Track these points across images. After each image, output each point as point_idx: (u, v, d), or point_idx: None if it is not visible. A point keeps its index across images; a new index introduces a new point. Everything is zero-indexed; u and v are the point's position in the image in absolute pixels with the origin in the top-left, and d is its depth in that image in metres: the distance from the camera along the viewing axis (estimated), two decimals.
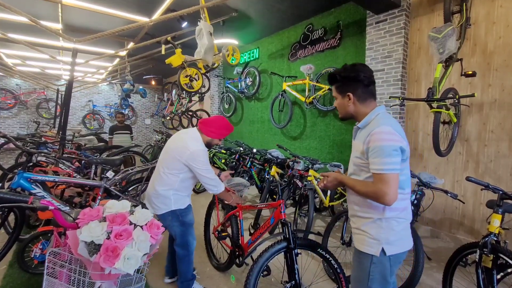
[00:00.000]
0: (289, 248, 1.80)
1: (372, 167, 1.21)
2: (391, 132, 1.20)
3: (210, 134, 2.08)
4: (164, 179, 2.02)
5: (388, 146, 1.17)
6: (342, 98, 1.36)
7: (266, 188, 3.74)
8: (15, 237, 2.30)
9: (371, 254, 1.26)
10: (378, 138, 1.19)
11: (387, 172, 1.16)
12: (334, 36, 4.64)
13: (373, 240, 1.26)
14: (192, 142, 2.01)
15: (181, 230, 2.10)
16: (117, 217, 1.02)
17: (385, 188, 1.15)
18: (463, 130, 3.24)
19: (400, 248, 1.28)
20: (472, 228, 3.19)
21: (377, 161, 1.19)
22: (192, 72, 3.47)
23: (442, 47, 2.57)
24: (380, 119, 1.27)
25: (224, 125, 2.12)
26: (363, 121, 1.32)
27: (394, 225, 1.25)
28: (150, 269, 2.62)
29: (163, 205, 2.04)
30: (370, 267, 1.26)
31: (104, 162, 2.54)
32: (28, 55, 6.71)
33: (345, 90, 1.33)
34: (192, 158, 1.95)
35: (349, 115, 1.38)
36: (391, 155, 1.17)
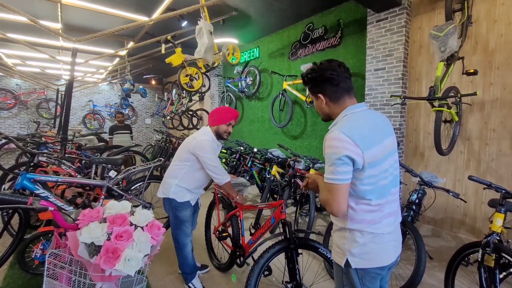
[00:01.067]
0: (290, 248, 1.79)
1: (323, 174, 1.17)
2: (339, 138, 1.08)
3: (214, 122, 2.20)
4: (172, 170, 2.22)
5: (332, 153, 1.09)
6: (316, 100, 1.27)
7: (267, 187, 3.73)
8: (19, 239, 2.29)
9: (340, 265, 1.21)
10: (326, 144, 1.13)
11: (330, 181, 1.10)
12: (334, 35, 4.62)
13: (338, 250, 1.22)
14: (200, 134, 2.18)
15: (174, 222, 2.24)
16: (117, 218, 1.01)
17: (329, 197, 1.10)
18: (465, 129, 3.23)
19: (368, 263, 1.15)
20: (474, 227, 3.18)
21: (326, 169, 1.13)
22: (192, 71, 3.46)
23: (444, 45, 2.55)
24: (343, 120, 1.17)
25: (225, 110, 2.22)
26: (332, 123, 1.24)
27: (357, 236, 1.15)
28: (151, 269, 2.61)
29: (164, 190, 2.21)
30: (342, 277, 1.22)
31: (106, 161, 2.54)
32: (28, 55, 6.70)
33: (316, 92, 1.24)
34: (197, 146, 2.09)
35: (328, 116, 1.30)
36: (335, 164, 1.08)
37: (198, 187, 2.28)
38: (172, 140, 7.13)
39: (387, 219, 1.18)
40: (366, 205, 1.14)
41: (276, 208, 2.02)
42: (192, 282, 2.29)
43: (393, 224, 1.22)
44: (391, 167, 1.19)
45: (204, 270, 2.62)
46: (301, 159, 3.71)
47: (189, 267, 2.27)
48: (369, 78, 3.90)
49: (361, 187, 1.12)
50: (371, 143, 1.12)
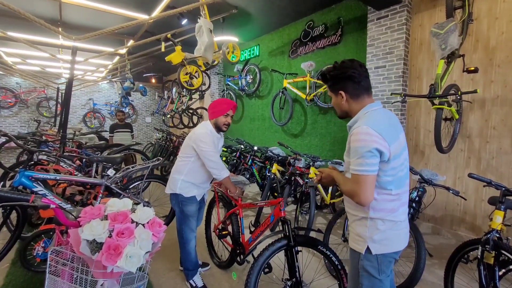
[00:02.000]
0: (289, 246, 1.80)
1: (350, 167, 1.23)
2: (368, 133, 1.15)
3: (213, 115, 2.21)
4: (177, 165, 2.25)
5: (361, 147, 1.15)
6: (336, 97, 1.34)
7: (267, 185, 3.74)
8: (17, 236, 2.30)
9: (358, 251, 1.28)
10: (354, 138, 1.19)
11: (359, 173, 1.16)
12: (335, 32, 4.61)
13: (359, 238, 1.28)
14: (199, 128, 2.22)
15: (179, 217, 2.27)
16: (118, 215, 1.02)
17: (356, 188, 1.17)
18: (465, 127, 3.23)
19: (388, 248, 1.25)
20: (474, 224, 3.19)
21: (353, 161, 1.20)
22: (192, 69, 3.45)
23: (444, 43, 2.55)
24: (366, 117, 1.24)
25: (222, 101, 2.22)
26: (353, 119, 1.30)
27: (379, 224, 1.24)
28: (153, 267, 2.63)
29: (172, 186, 2.24)
30: (359, 264, 1.29)
31: (105, 160, 2.55)
32: (28, 53, 6.69)
33: (337, 89, 1.31)
34: (196, 139, 2.12)
35: (345, 113, 1.36)
36: (364, 156, 1.15)
37: (204, 182, 2.30)
38: (173, 138, 7.14)
39: (403, 207, 1.29)
40: (387, 195, 1.23)
41: (275, 206, 2.02)
42: (194, 279, 2.31)
43: (405, 213, 1.33)
44: (406, 160, 1.29)
45: (205, 268, 2.64)
46: (301, 157, 3.72)
47: (192, 263, 2.28)
48: (369, 76, 3.89)
49: (384, 178, 1.21)
50: (393, 137, 1.21)
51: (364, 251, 1.25)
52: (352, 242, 1.33)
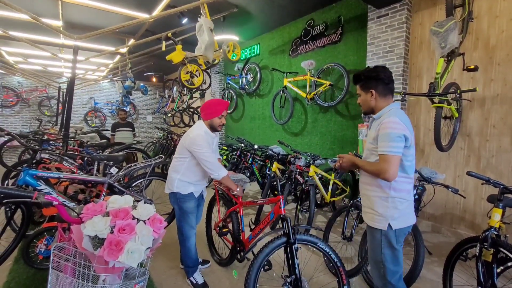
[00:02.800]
0: (289, 243, 1.82)
1: (379, 149, 1.46)
2: (397, 122, 1.43)
3: (207, 116, 2.21)
4: (174, 165, 2.26)
5: (393, 133, 1.41)
6: (366, 94, 1.59)
7: (267, 184, 3.75)
8: (22, 234, 2.33)
9: (380, 229, 1.52)
10: (386, 126, 1.44)
11: (389, 153, 1.41)
12: (335, 31, 4.61)
13: (381, 217, 1.52)
14: (193, 130, 2.21)
15: (179, 214, 2.29)
16: (120, 212, 1.03)
17: (386, 166, 1.40)
18: (465, 125, 3.23)
19: (404, 224, 1.53)
20: (473, 222, 3.20)
21: (383, 144, 1.44)
22: (193, 68, 3.46)
23: (444, 41, 2.55)
24: (392, 112, 1.51)
25: (216, 102, 2.24)
26: (378, 113, 1.57)
27: (397, 204, 1.50)
28: (153, 264, 2.65)
29: (169, 185, 2.27)
30: (381, 239, 1.54)
31: (107, 158, 2.57)
32: (29, 52, 6.72)
33: (368, 87, 1.57)
34: (192, 142, 2.11)
35: (371, 110, 1.61)
36: (395, 140, 1.41)
37: (200, 180, 2.32)
38: (173, 137, 7.15)
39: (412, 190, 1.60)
40: (406, 178, 1.52)
41: (275, 203, 2.04)
42: (194, 276, 2.33)
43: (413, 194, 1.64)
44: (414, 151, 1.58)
45: (206, 265, 2.66)
46: (302, 155, 3.73)
47: (192, 260, 2.30)
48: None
49: (406, 163, 1.49)
50: (411, 131, 1.50)
51: (386, 227, 1.50)
52: (373, 222, 1.56)
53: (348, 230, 2.65)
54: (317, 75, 4.70)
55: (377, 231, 1.54)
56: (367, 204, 1.61)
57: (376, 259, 1.59)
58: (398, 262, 1.56)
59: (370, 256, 1.65)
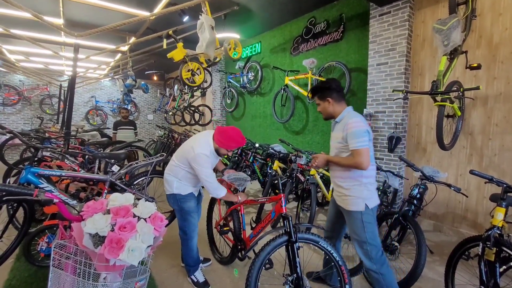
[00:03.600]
0: (290, 242, 1.81)
1: (351, 146, 1.74)
2: (360, 121, 1.75)
3: (218, 143, 2.12)
4: (172, 168, 2.24)
5: (359, 130, 1.72)
6: (324, 103, 1.90)
7: (268, 182, 3.75)
8: (24, 231, 2.33)
9: (360, 210, 1.80)
10: (352, 126, 1.73)
11: (361, 147, 1.70)
12: (336, 29, 4.59)
13: (359, 199, 1.81)
14: (200, 145, 2.09)
15: (180, 214, 2.27)
16: (120, 209, 1.03)
17: (361, 158, 1.69)
18: (467, 124, 3.21)
19: (376, 202, 1.86)
20: (475, 222, 3.18)
21: (354, 141, 1.72)
22: (194, 66, 3.45)
23: (447, 39, 2.52)
24: (351, 114, 1.83)
25: (234, 138, 2.10)
26: (339, 117, 1.88)
27: (369, 187, 1.83)
28: (154, 262, 2.65)
29: (168, 187, 2.26)
30: (362, 218, 1.80)
31: (109, 156, 2.56)
32: (31, 51, 6.72)
33: (325, 96, 1.89)
34: (194, 160, 2.07)
35: (330, 115, 1.92)
36: (362, 135, 1.71)
37: (198, 183, 2.30)
38: (174, 135, 7.16)
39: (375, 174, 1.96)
40: (372, 165, 1.83)
41: (276, 202, 2.03)
42: (195, 274, 2.33)
43: None
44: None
45: (207, 264, 2.66)
46: (303, 154, 3.72)
47: (193, 259, 2.30)
48: (371, 73, 3.88)
49: (370, 153, 1.77)
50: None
51: (364, 207, 1.79)
52: (351, 206, 1.82)
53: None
54: (318, 74, 4.67)
55: (357, 213, 1.81)
56: (343, 193, 1.86)
57: (361, 239, 1.83)
58: (377, 237, 1.86)
59: (355, 238, 1.87)
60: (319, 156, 1.90)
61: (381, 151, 3.82)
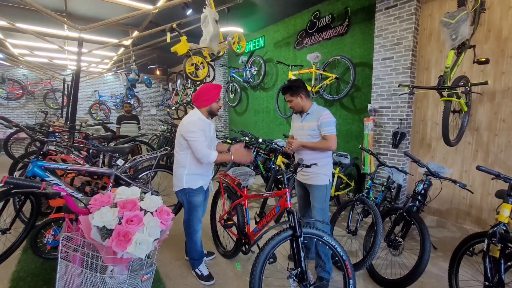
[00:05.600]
0: (295, 236, 1.81)
1: (325, 132, 2.14)
2: (330, 113, 2.19)
3: (205, 103, 2.19)
4: (177, 158, 2.24)
5: (332, 120, 2.16)
6: (296, 98, 2.23)
7: (271, 177, 3.75)
8: (31, 224, 2.36)
9: (326, 184, 2.20)
10: (326, 117, 2.15)
11: (333, 133, 2.14)
12: (341, 23, 4.53)
13: (326, 175, 2.21)
14: (187, 117, 2.20)
15: (187, 208, 2.28)
16: (127, 203, 1.03)
17: (333, 142, 2.13)
18: (473, 119, 3.18)
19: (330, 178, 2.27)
20: (480, 218, 3.17)
21: (328, 128, 2.14)
22: (198, 60, 3.42)
23: (455, 33, 2.48)
24: (319, 108, 2.25)
25: (211, 88, 2.21)
26: (310, 110, 2.24)
27: (330, 166, 2.30)
28: (159, 256, 2.68)
29: (177, 183, 2.25)
30: (326, 191, 2.21)
31: (114, 150, 2.57)
32: (34, 45, 6.72)
33: (298, 93, 2.21)
34: (184, 129, 2.11)
35: (301, 109, 2.26)
36: (333, 124, 2.16)
37: (208, 169, 2.32)
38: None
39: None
40: None
41: (281, 197, 2.03)
42: (199, 268, 2.35)
43: None
44: None
45: (211, 257, 2.68)
46: None
47: (197, 253, 2.32)
48: (376, 67, 3.84)
49: None
50: None
51: (328, 182, 2.21)
52: (322, 181, 2.20)
53: (353, 224, 2.65)
54: (322, 68, 4.63)
55: (323, 187, 2.20)
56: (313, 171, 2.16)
57: (323, 207, 2.22)
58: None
59: (317, 207, 2.22)
60: (294, 141, 2.24)
61: (385, 147, 3.80)
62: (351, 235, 2.63)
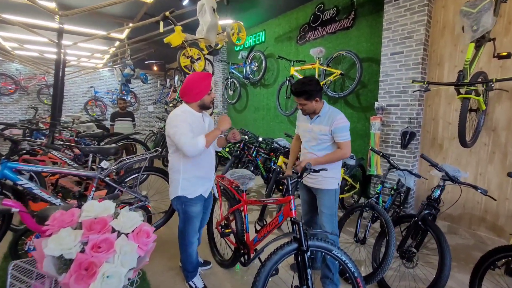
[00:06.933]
0: (300, 250, 1.60)
1: (341, 138, 1.95)
2: (345, 117, 1.98)
3: (197, 97, 1.91)
4: (171, 162, 2.00)
5: (347, 125, 1.96)
6: (311, 103, 1.97)
7: (272, 179, 3.54)
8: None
9: (335, 188, 2.05)
10: (341, 121, 1.94)
11: (348, 139, 1.97)
12: (347, 16, 4.28)
13: (336, 179, 2.06)
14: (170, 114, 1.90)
15: (182, 217, 2.04)
16: (95, 223, 0.81)
17: (348, 149, 1.97)
18: (490, 119, 2.96)
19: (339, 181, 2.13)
20: (495, 224, 2.97)
21: (344, 134, 1.95)
22: (194, 52, 3.17)
23: (477, 23, 2.25)
24: (332, 109, 2.03)
25: (200, 78, 1.90)
26: (321, 112, 2.02)
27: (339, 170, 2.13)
28: (150, 264, 2.47)
29: (173, 189, 1.99)
30: (335, 195, 2.06)
31: (97, 151, 2.33)
32: (25, 38, 6.44)
33: (314, 97, 1.96)
34: (168, 125, 1.85)
35: (313, 111, 2.03)
36: (347, 130, 1.97)
37: (208, 171, 2.05)
38: None
39: None
40: None
41: (284, 204, 1.82)
42: (193, 280, 2.14)
43: None
44: None
45: (207, 267, 2.47)
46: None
47: (192, 265, 2.11)
48: (384, 63, 3.61)
49: None
50: None
51: (337, 186, 2.06)
52: (329, 185, 2.03)
53: (361, 231, 2.44)
54: (326, 64, 4.40)
55: (332, 191, 2.04)
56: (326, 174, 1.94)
57: (332, 213, 2.05)
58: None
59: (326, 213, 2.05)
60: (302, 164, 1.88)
61: (393, 147, 3.58)
62: (360, 244, 2.42)
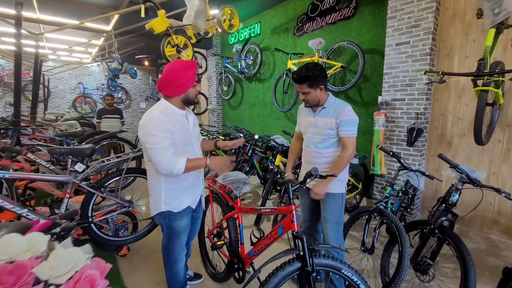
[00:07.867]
0: (304, 271, 1.35)
1: (347, 132, 1.74)
2: (352, 110, 1.78)
3: (177, 91, 1.55)
4: (149, 170, 1.68)
5: (356, 119, 1.76)
6: (315, 91, 1.75)
7: (270, 180, 3.28)
8: None
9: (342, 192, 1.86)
10: (349, 114, 1.73)
11: (355, 135, 1.77)
12: (348, 5, 4.01)
13: (343, 182, 1.87)
14: (146, 113, 1.53)
15: (166, 233, 1.76)
16: (10, 270, 0.54)
17: (354, 146, 1.77)
18: (505, 114, 2.73)
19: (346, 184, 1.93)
20: (509, 227, 2.76)
21: (351, 128, 1.75)
22: (180, 40, 2.85)
23: (499, 6, 2.00)
24: (338, 100, 1.82)
25: (183, 67, 1.53)
26: (326, 103, 1.80)
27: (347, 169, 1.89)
28: (135, 278, 2.20)
29: (154, 204, 1.68)
30: (341, 200, 1.85)
31: (69, 152, 2.04)
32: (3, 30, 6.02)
33: (318, 84, 1.74)
34: (142, 129, 1.49)
35: (317, 102, 1.80)
36: (356, 124, 1.77)
37: (195, 179, 1.74)
38: None
39: None
40: None
41: (285, 215, 1.55)
42: None
43: None
44: None
45: (197, 281, 2.21)
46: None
47: (179, 284, 1.85)
48: (389, 54, 3.35)
49: None
50: None
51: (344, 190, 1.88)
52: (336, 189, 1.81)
53: (369, 240, 2.19)
54: (326, 56, 4.13)
55: (339, 196, 1.84)
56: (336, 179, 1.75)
57: (338, 220, 1.85)
58: None
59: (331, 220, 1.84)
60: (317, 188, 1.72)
61: (399, 145, 3.34)
62: (367, 253, 2.17)
